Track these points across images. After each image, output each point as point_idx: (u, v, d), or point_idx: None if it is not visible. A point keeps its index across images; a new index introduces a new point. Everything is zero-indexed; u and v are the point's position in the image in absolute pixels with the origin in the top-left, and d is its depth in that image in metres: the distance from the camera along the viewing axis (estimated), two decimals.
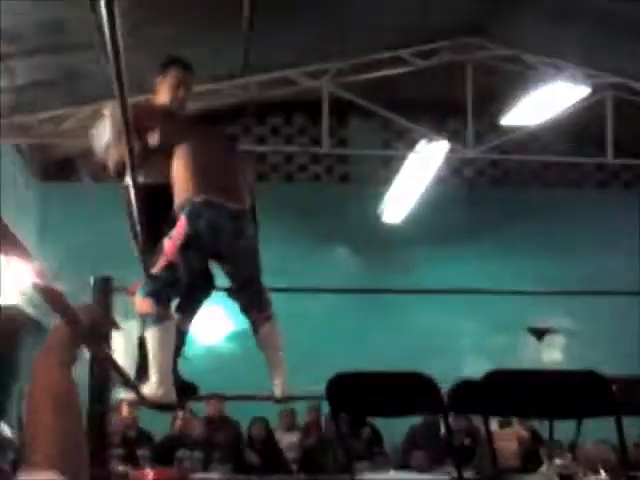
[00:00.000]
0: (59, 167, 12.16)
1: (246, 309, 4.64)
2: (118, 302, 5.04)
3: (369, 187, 11.88)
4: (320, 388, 4.07)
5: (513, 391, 3.88)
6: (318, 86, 10.15)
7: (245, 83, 10.12)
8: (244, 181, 4.69)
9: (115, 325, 1.98)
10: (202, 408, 9.26)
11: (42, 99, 9.44)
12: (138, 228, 4.34)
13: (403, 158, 10.97)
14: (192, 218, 4.29)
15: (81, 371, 4.99)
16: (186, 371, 4.90)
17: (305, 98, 10.97)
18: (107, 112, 4.61)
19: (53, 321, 1.76)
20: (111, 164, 4.58)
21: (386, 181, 11.52)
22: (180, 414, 8.45)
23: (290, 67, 10.14)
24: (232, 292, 4.68)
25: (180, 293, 4.43)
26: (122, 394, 7.48)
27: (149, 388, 4.28)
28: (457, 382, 4.31)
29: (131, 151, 3.33)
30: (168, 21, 8.54)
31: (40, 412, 1.59)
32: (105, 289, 4.86)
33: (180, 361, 4.76)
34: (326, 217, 12.02)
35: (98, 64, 8.81)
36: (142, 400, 4.58)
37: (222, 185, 4.46)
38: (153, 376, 4.26)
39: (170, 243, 4.32)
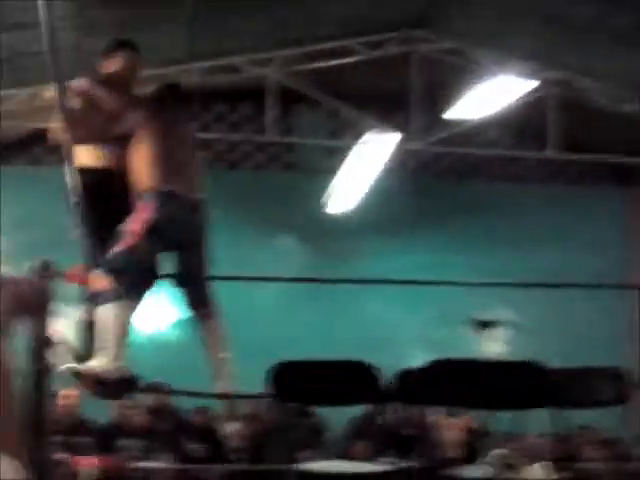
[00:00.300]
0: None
1: (192, 303, 4.62)
2: (57, 287, 4.97)
3: (315, 176, 11.87)
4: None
5: (452, 381, 3.91)
6: (264, 74, 10.10)
7: (190, 69, 10.02)
8: (199, 168, 4.71)
9: (52, 295, 1.94)
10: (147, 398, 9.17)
11: None
12: (81, 212, 4.30)
13: (349, 149, 10.98)
14: (158, 206, 4.29)
15: (19, 356, 4.93)
16: (130, 360, 4.85)
17: (252, 86, 10.91)
18: (49, 95, 4.55)
19: None
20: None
21: (332, 171, 11.53)
22: (119, 402, 8.38)
23: (236, 54, 10.06)
24: (179, 284, 4.65)
25: (135, 277, 4.38)
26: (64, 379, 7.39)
27: (104, 362, 4.23)
28: (398, 371, 4.32)
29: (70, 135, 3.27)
30: (117, 3, 8.43)
31: None
32: (44, 273, 4.80)
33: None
34: (271, 206, 11.99)
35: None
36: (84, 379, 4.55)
37: (184, 175, 4.48)
38: (110, 350, 4.24)
39: (134, 226, 4.30)
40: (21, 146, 11.70)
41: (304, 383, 4.10)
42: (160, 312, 10.49)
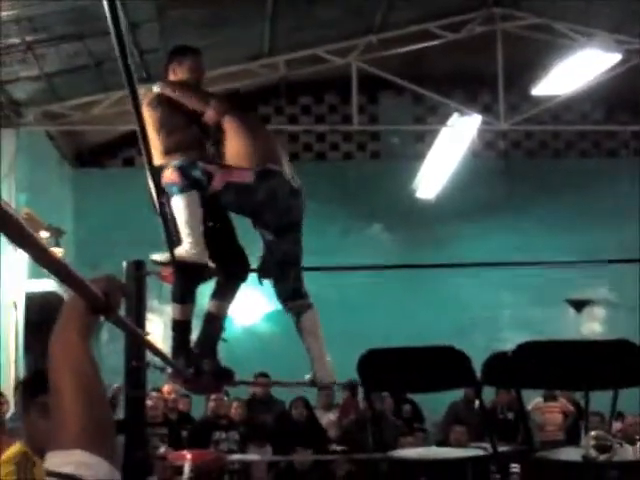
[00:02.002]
0: (91, 154, 12.26)
1: (285, 298, 4.61)
2: (150, 286, 5.08)
3: (402, 163, 11.84)
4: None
5: (544, 363, 3.86)
6: (346, 63, 10.10)
7: (273, 62, 10.10)
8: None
9: (125, 290, 1.96)
10: (244, 389, 9.28)
11: (71, 86, 9.50)
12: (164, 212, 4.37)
13: (435, 133, 10.91)
14: (259, 179, 4.34)
15: (117, 354, 5.07)
16: (227, 353, 4.92)
17: (335, 76, 10.93)
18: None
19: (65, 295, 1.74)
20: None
21: (419, 157, 11.47)
22: (213, 396, 8.49)
23: (318, 45, 10.08)
24: (269, 274, 4.64)
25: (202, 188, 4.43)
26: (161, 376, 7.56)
27: (183, 249, 4.31)
28: (490, 355, 4.29)
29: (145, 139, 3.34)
30: (198, 2, 8.55)
31: (62, 392, 1.56)
32: (137, 274, 4.91)
33: (219, 345, 4.78)
34: (360, 195, 12.01)
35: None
36: (175, 376, 4.64)
37: (280, 159, 4.51)
38: (186, 239, 4.30)
39: (228, 174, 4.37)
40: (113, 148, 11.99)
41: (394, 371, 4.10)
42: (256, 304, 10.62)
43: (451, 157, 10.99)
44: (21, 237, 1.30)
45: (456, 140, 10.67)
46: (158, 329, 9.05)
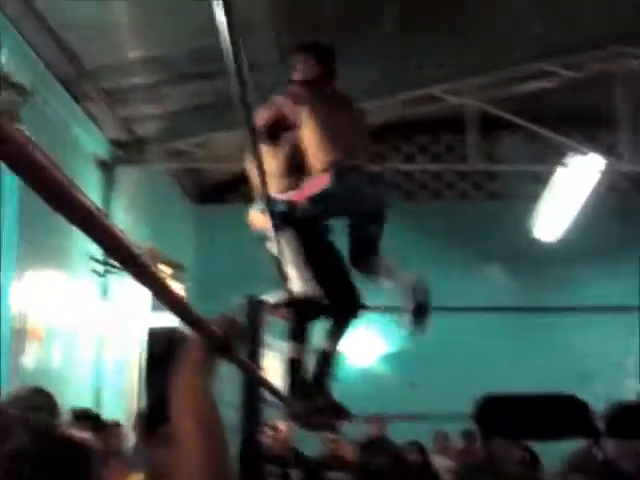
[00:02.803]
0: (213, 191, 12.49)
1: (361, 260, 4.57)
2: (268, 323, 5.09)
3: (519, 203, 11.65)
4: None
5: None
6: (463, 102, 10.03)
7: (389, 102, 10.10)
8: (369, 144, 4.77)
9: (246, 333, 1.96)
10: (355, 431, 9.21)
11: (194, 124, 9.71)
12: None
13: (553, 173, 10.71)
14: (336, 179, 4.31)
15: (231, 390, 5.10)
16: (341, 395, 4.90)
17: (451, 114, 10.87)
18: None
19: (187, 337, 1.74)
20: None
21: (537, 197, 11.26)
22: (330, 436, 8.44)
23: (435, 84, 10.05)
24: (354, 262, 4.61)
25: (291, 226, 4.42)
26: (276, 414, 7.58)
27: (295, 287, 4.31)
28: (613, 405, 4.14)
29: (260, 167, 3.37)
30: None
31: (184, 431, 1.56)
32: (257, 310, 4.93)
33: (332, 384, 4.77)
34: (476, 235, 11.86)
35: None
36: (290, 414, 4.63)
37: (357, 149, 4.49)
38: (295, 278, 4.34)
39: (305, 189, 4.36)
40: (235, 185, 12.18)
41: (512, 417, 3.99)
42: (371, 346, 10.58)
43: (571, 198, 10.76)
44: (143, 274, 1.30)
45: (576, 180, 10.44)
46: (274, 365, 9.07)
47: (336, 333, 4.73)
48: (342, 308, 4.62)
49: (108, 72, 8.16)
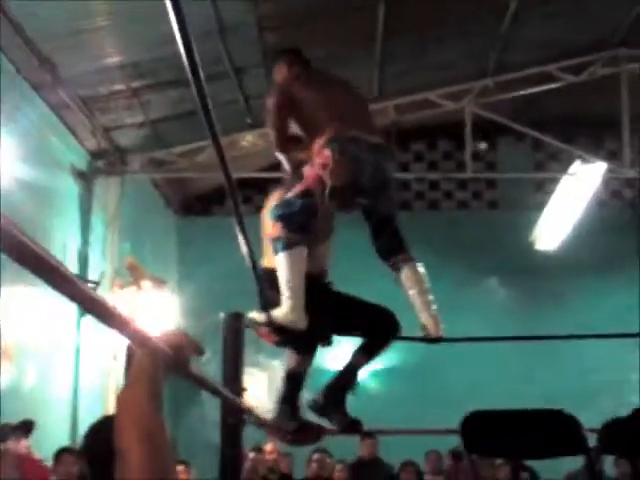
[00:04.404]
0: (197, 202, 12.56)
1: (385, 254, 4.52)
2: (250, 339, 5.13)
3: (520, 213, 11.71)
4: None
5: None
6: (460, 108, 10.11)
7: (383, 107, 10.16)
8: (370, 115, 4.82)
9: (199, 350, 2.00)
10: (345, 450, 9.26)
11: (177, 133, 9.78)
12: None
13: (556, 181, 10.78)
14: (338, 152, 4.33)
15: (213, 412, 5.14)
16: None
17: (448, 121, 10.95)
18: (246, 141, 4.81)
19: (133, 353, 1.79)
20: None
21: (539, 206, 11.33)
22: (315, 456, 8.50)
23: (431, 89, 10.12)
24: (373, 237, 4.61)
25: (311, 222, 4.39)
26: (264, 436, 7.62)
27: (282, 312, 4.30)
28: (606, 421, 4.20)
29: None
30: (303, 47, 8.71)
31: (131, 450, 1.62)
32: (235, 326, 4.98)
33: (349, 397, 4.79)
34: (475, 246, 11.91)
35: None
36: (275, 430, 4.66)
37: (357, 120, 4.52)
38: (286, 301, 4.27)
39: (312, 172, 4.38)
40: (219, 196, 12.23)
41: (498, 434, 4.04)
42: None
43: (574, 206, 10.80)
44: (64, 284, 1.36)
45: (579, 188, 10.50)
46: (259, 383, 9.13)
47: (366, 351, 4.72)
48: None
49: (85, 79, 8.25)
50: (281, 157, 4.78)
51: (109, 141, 9.48)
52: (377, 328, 4.62)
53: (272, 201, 4.63)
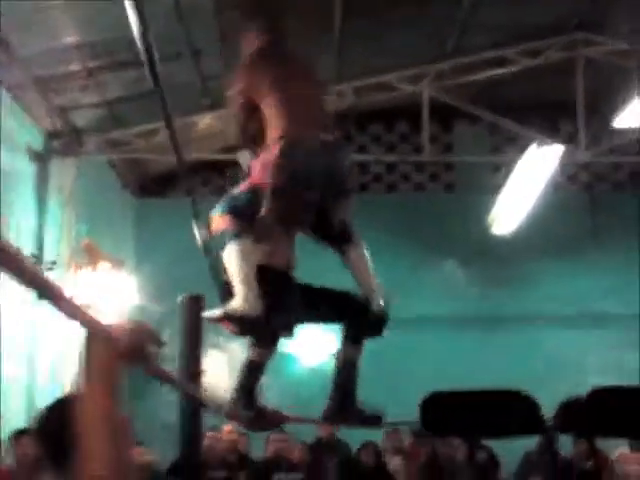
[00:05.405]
0: (154, 183, 12.50)
1: (335, 242, 4.59)
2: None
3: (477, 196, 11.78)
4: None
5: (617, 410, 3.82)
6: (418, 90, 10.14)
7: (341, 89, 10.18)
8: (327, 112, 4.82)
9: (158, 341, 2.01)
10: (306, 431, 9.30)
11: (133, 113, 9.72)
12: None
13: (512, 164, 10.86)
14: (288, 150, 4.34)
15: (172, 393, 5.14)
16: (293, 394, 4.96)
17: (407, 104, 10.98)
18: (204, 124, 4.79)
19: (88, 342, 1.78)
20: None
21: (495, 189, 11.40)
22: (273, 437, 8.54)
23: (388, 72, 10.15)
24: (322, 237, 4.63)
25: (256, 214, 4.39)
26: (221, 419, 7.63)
27: (236, 304, 4.33)
28: (562, 401, 4.26)
29: None
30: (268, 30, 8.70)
31: (91, 436, 1.64)
32: (195, 309, 4.98)
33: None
34: (431, 229, 11.97)
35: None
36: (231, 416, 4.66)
37: (314, 117, 4.51)
38: (238, 292, 4.32)
39: (259, 168, 4.40)
40: (177, 177, 12.16)
41: (457, 414, 4.09)
42: (322, 344, 10.65)
43: (530, 190, 10.88)
44: (21, 272, 1.37)
45: (535, 172, 10.58)
46: (219, 366, 9.13)
47: (349, 340, 4.73)
48: (353, 323, 4.63)
49: (41, 59, 8.17)
50: (241, 156, 4.76)
51: (65, 121, 9.41)
52: (344, 311, 4.65)
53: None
